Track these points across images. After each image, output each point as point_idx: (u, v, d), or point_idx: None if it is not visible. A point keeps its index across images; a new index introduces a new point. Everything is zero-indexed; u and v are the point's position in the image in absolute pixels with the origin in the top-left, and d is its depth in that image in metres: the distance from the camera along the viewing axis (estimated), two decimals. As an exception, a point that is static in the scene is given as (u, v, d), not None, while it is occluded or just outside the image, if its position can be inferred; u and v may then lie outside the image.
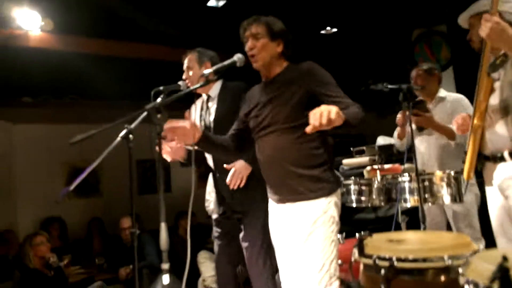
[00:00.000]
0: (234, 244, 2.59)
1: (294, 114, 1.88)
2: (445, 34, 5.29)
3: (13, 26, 3.97)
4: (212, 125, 2.58)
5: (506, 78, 1.88)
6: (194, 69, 2.62)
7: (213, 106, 2.63)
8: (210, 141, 2.05)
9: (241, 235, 2.52)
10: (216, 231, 2.67)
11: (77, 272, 4.46)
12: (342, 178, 2.63)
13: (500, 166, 1.90)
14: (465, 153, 2.03)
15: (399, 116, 3.02)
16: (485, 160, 1.99)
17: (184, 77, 2.65)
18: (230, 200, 2.55)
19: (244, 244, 2.50)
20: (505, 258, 0.87)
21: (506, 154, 1.87)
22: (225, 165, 2.42)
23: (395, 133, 3.24)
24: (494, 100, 1.92)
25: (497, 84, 1.91)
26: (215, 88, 2.63)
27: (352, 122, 1.71)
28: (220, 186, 2.59)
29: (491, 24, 1.59)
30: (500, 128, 1.89)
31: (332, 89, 1.89)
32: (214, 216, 2.69)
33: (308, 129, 1.58)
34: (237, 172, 2.39)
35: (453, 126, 2.81)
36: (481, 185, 3.08)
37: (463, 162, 2.04)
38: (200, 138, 1.96)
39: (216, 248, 2.67)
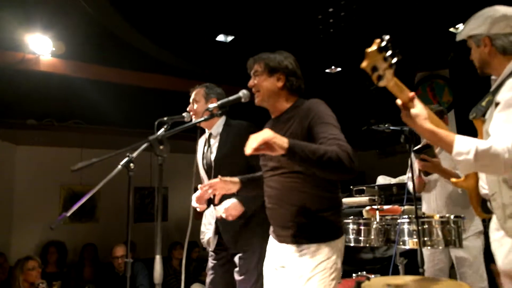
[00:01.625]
0: (228, 276, 2.54)
1: None
2: (448, 78, 5.37)
3: (25, 50, 4.08)
4: (213, 164, 2.57)
5: (488, 120, 1.74)
6: (200, 103, 2.65)
7: (215, 144, 2.63)
8: (250, 186, 2.15)
9: (236, 268, 2.48)
10: (211, 262, 2.63)
11: (66, 299, 4.36)
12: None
13: None
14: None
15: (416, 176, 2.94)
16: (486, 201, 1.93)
17: (188, 109, 2.69)
18: (232, 237, 2.51)
19: (238, 278, 2.46)
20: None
21: None
22: (215, 204, 2.37)
23: (409, 183, 3.18)
24: None
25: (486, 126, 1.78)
26: (218, 126, 2.64)
27: (308, 157, 1.58)
28: (218, 221, 2.57)
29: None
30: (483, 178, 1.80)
31: (322, 126, 1.78)
32: (211, 247, 2.66)
33: (246, 151, 1.54)
34: (227, 214, 2.35)
35: (459, 172, 2.81)
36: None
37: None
38: (240, 189, 2.11)
39: (208, 279, 2.63)
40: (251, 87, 2.00)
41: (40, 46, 4.05)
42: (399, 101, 1.66)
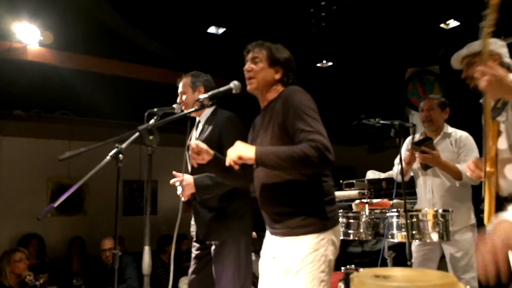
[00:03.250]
0: (209, 268, 2.54)
1: (278, 145, 1.82)
2: (438, 74, 5.42)
3: (12, 39, 4.00)
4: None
5: (509, 120, 1.86)
6: (187, 94, 2.63)
7: (198, 131, 2.64)
8: (221, 164, 2.01)
9: (213, 263, 2.49)
10: (193, 253, 2.63)
11: (53, 292, 4.32)
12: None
13: None
14: (482, 199, 1.98)
15: (407, 153, 2.94)
16: (505, 202, 1.90)
17: (178, 101, 2.66)
18: (204, 228, 2.52)
19: (215, 272, 2.46)
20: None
21: None
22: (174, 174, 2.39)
23: (395, 168, 3.19)
24: (502, 144, 1.88)
25: (502, 127, 1.89)
26: (206, 114, 2.64)
27: (277, 162, 1.67)
28: (197, 212, 2.57)
29: (488, 76, 1.59)
30: (510, 171, 1.84)
31: (296, 119, 1.77)
32: (193, 238, 2.67)
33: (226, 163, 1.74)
34: (183, 184, 2.34)
35: (459, 166, 2.83)
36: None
37: (481, 209, 1.98)
38: (211, 160, 2.03)
39: (190, 270, 2.63)
40: (248, 71, 1.96)
41: (28, 35, 3.98)
42: None
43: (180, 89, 2.67)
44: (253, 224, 2.55)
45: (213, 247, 2.47)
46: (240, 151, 1.69)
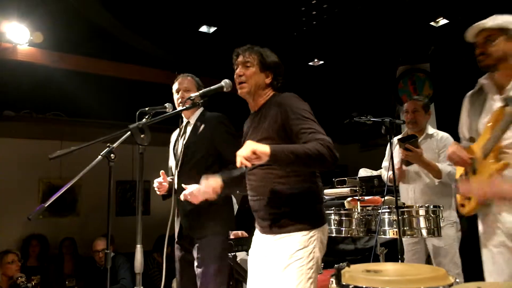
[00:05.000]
0: (192, 269, 2.56)
1: None
2: (428, 72, 5.47)
3: (2, 39, 3.96)
4: (182, 149, 2.58)
5: None
6: (191, 92, 2.58)
7: (188, 132, 2.64)
8: (232, 185, 2.13)
9: (195, 260, 2.50)
10: (177, 254, 2.64)
11: (45, 294, 4.29)
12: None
13: None
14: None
15: (397, 172, 2.92)
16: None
17: (179, 96, 2.64)
18: (185, 225, 2.53)
19: (197, 270, 2.47)
20: (479, 291, 0.87)
21: None
22: (183, 185, 2.40)
23: (384, 172, 3.24)
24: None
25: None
26: (195, 116, 2.65)
27: (290, 158, 1.66)
28: (179, 208, 2.57)
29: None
30: None
31: (298, 121, 1.81)
32: (176, 238, 2.67)
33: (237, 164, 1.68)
34: (194, 194, 2.33)
35: (440, 165, 2.88)
36: (463, 221, 3.13)
37: (468, 198, 1.96)
38: (223, 189, 2.09)
39: (176, 271, 2.63)
40: (239, 76, 1.98)
41: (17, 35, 3.95)
42: None
43: (185, 85, 2.64)
44: (235, 221, 2.58)
45: (197, 245, 2.46)
46: (254, 146, 1.65)
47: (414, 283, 1.31)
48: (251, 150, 1.63)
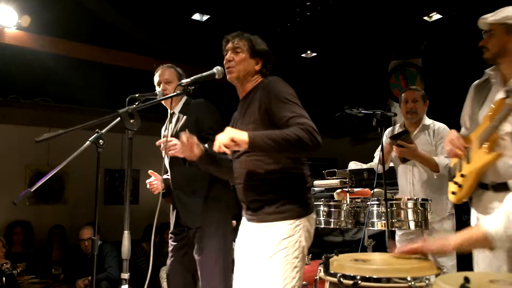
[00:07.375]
0: (186, 259, 2.55)
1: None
2: (420, 67, 5.49)
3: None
4: None
5: None
6: (173, 83, 2.60)
7: (173, 122, 2.64)
8: (211, 158, 2.05)
9: (195, 249, 2.49)
10: (171, 244, 2.62)
11: (31, 281, 4.25)
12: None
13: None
14: (462, 176, 1.96)
15: (385, 145, 2.94)
16: (483, 188, 1.92)
17: (161, 89, 2.62)
18: (187, 214, 2.52)
19: (198, 258, 2.46)
20: (466, 279, 0.88)
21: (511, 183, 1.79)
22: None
23: (376, 160, 3.22)
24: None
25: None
26: (179, 105, 2.65)
27: (270, 145, 1.67)
28: (175, 199, 2.58)
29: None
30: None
31: (281, 106, 1.81)
32: (171, 228, 2.66)
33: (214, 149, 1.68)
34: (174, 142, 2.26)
35: (437, 158, 2.87)
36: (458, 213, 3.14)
37: (459, 185, 1.97)
38: (201, 155, 1.99)
39: (168, 262, 2.62)
40: (229, 61, 1.97)
41: (5, 18, 3.86)
42: None
43: (166, 77, 2.63)
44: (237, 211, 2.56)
45: (197, 234, 2.46)
46: (232, 134, 1.66)
47: (401, 272, 1.32)
48: (229, 138, 1.65)
